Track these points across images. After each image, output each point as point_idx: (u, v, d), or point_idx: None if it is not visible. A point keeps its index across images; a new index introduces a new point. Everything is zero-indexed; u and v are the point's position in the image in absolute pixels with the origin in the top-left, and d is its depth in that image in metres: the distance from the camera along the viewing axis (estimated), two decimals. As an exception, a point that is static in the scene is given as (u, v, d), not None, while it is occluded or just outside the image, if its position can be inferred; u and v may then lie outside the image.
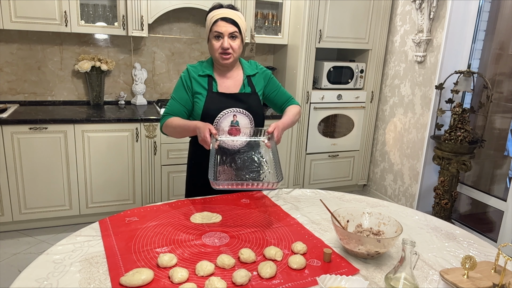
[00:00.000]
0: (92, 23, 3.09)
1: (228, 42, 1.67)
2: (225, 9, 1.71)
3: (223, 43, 1.67)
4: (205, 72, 1.75)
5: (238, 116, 1.73)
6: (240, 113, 1.73)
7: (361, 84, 3.73)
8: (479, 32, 3.07)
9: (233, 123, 1.72)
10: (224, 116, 1.71)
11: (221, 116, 1.71)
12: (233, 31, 1.68)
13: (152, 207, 1.57)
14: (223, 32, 1.66)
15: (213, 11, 1.72)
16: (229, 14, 1.68)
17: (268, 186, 1.44)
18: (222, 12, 1.68)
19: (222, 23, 1.67)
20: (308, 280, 1.13)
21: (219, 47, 1.68)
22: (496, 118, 3.06)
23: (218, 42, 1.68)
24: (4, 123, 2.68)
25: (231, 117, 1.72)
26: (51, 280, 1.09)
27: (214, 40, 1.69)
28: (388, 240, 1.21)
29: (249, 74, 1.80)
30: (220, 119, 1.71)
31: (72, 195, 2.95)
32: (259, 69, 1.86)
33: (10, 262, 2.58)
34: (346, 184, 3.93)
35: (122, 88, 3.50)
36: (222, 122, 1.71)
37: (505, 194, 2.86)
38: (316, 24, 3.36)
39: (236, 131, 1.70)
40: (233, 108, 1.72)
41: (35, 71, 3.23)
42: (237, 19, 1.69)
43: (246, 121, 1.74)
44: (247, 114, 1.74)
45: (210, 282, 1.06)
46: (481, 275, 1.15)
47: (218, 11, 1.70)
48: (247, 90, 1.78)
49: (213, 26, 1.68)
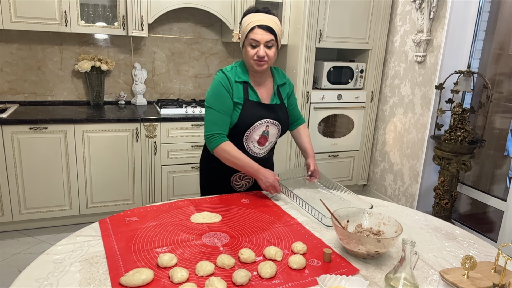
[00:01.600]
0: (92, 23, 3.09)
1: (264, 50, 1.63)
2: (262, 14, 1.66)
3: (258, 51, 1.63)
4: (241, 79, 1.71)
5: (270, 127, 1.76)
6: (272, 123, 1.75)
7: (361, 84, 3.73)
8: (479, 32, 3.07)
9: (264, 133, 1.76)
10: (258, 126, 1.73)
11: (256, 126, 1.72)
12: (269, 39, 1.64)
13: (152, 207, 1.57)
14: (260, 40, 1.62)
15: (249, 16, 1.67)
16: (266, 21, 1.63)
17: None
18: (260, 19, 1.63)
19: (259, 31, 1.63)
20: (308, 280, 1.13)
21: (254, 54, 1.64)
22: (496, 118, 3.05)
23: (253, 50, 1.64)
24: (4, 123, 2.68)
25: (264, 127, 1.74)
26: (51, 280, 1.09)
27: (249, 47, 1.65)
28: (388, 240, 1.21)
29: (279, 83, 1.81)
30: (254, 128, 1.72)
31: (72, 195, 2.95)
32: (286, 79, 1.87)
33: (10, 262, 2.58)
34: (346, 184, 3.93)
35: (122, 88, 3.50)
36: (255, 132, 1.73)
37: (505, 194, 2.86)
38: (316, 24, 3.36)
39: (265, 140, 1.77)
40: (267, 118, 1.73)
41: (35, 71, 3.23)
42: (275, 26, 1.65)
43: (275, 130, 1.79)
44: (277, 124, 1.78)
45: (210, 282, 1.06)
46: (481, 275, 1.15)
47: (256, 16, 1.64)
48: (277, 100, 1.79)
49: (250, 33, 1.64)
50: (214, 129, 1.67)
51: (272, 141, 1.81)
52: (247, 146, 1.76)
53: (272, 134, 1.79)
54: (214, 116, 1.67)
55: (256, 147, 1.77)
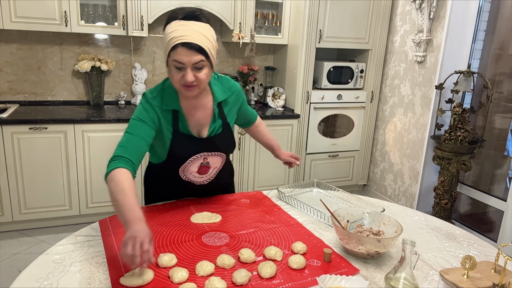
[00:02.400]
0: (92, 23, 3.09)
1: (191, 75, 1.30)
2: (187, 24, 1.29)
3: (185, 75, 1.30)
4: (169, 106, 1.42)
5: (208, 158, 1.51)
6: (211, 155, 1.51)
7: (361, 84, 3.73)
8: (479, 32, 3.07)
9: (202, 164, 1.52)
10: (194, 160, 1.49)
11: (191, 160, 1.48)
12: (198, 60, 1.29)
13: (152, 207, 1.57)
14: (185, 62, 1.28)
15: (172, 25, 1.30)
16: (193, 36, 1.27)
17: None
18: (184, 35, 1.27)
19: (184, 51, 1.27)
20: (308, 280, 1.13)
21: (180, 79, 1.31)
22: (496, 118, 3.06)
23: (179, 73, 1.31)
24: (4, 123, 2.68)
25: (201, 159, 1.50)
26: (51, 280, 1.09)
27: (174, 70, 1.31)
28: (388, 240, 1.21)
29: (220, 100, 1.51)
30: (189, 163, 1.49)
31: (72, 195, 2.95)
32: (232, 90, 1.56)
33: (10, 262, 2.58)
34: (346, 184, 3.93)
35: (122, 88, 3.50)
36: (191, 166, 1.50)
37: (505, 194, 2.86)
38: (316, 24, 3.36)
39: (206, 168, 1.54)
40: (203, 152, 1.48)
41: (35, 71, 3.23)
42: (204, 42, 1.29)
43: (217, 159, 1.55)
44: (219, 154, 1.54)
45: (210, 282, 1.06)
46: (481, 275, 1.15)
47: (179, 28, 1.28)
48: (217, 126, 1.51)
49: (172, 52, 1.29)
50: (118, 152, 1.33)
51: (217, 166, 1.57)
52: (186, 178, 1.53)
53: (215, 162, 1.54)
54: (125, 138, 1.37)
55: (197, 177, 1.54)
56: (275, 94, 3.74)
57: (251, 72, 3.78)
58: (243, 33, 3.36)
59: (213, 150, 1.51)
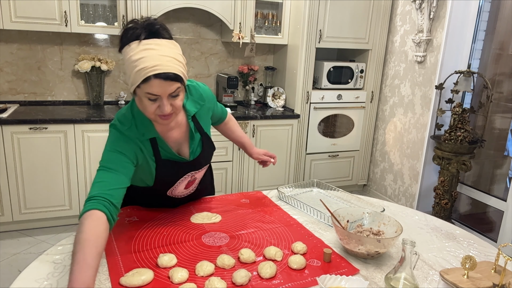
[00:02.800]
0: (92, 23, 3.09)
1: (168, 105, 1.17)
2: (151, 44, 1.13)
3: (162, 107, 1.17)
4: (145, 136, 1.28)
5: (195, 175, 1.48)
6: (198, 172, 1.48)
7: (361, 84, 3.73)
8: (479, 32, 3.07)
9: (190, 181, 1.49)
10: (182, 181, 1.45)
11: (179, 182, 1.45)
12: (174, 89, 1.16)
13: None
14: (161, 94, 1.15)
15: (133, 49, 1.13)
16: (165, 64, 1.12)
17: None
18: (155, 65, 1.11)
19: (158, 83, 1.12)
20: (308, 280, 1.13)
21: (155, 110, 1.18)
22: (496, 118, 3.06)
23: (153, 104, 1.17)
24: (4, 123, 2.68)
25: (189, 178, 1.47)
26: (51, 280, 1.09)
27: (146, 101, 1.16)
28: (388, 240, 1.21)
29: (193, 113, 1.40)
30: (177, 185, 1.45)
31: (72, 195, 2.95)
32: (203, 99, 1.43)
33: (10, 262, 2.58)
34: (346, 184, 3.93)
35: (122, 88, 3.50)
36: (178, 187, 1.47)
37: (505, 194, 2.86)
38: (316, 24, 3.36)
39: (192, 183, 1.52)
40: (190, 172, 1.44)
41: (35, 71, 3.23)
42: (177, 68, 1.15)
43: (202, 172, 1.51)
44: (205, 168, 1.51)
45: (210, 282, 1.06)
46: (481, 275, 1.15)
47: (144, 55, 1.11)
48: (196, 138, 1.41)
49: (144, 85, 1.12)
50: (93, 191, 1.15)
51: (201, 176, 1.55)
52: (173, 195, 1.51)
53: (200, 175, 1.52)
54: (100, 175, 1.20)
55: (184, 192, 1.52)
56: (275, 94, 3.74)
57: (251, 72, 3.78)
58: (243, 33, 3.37)
59: (199, 168, 1.46)
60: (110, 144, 1.25)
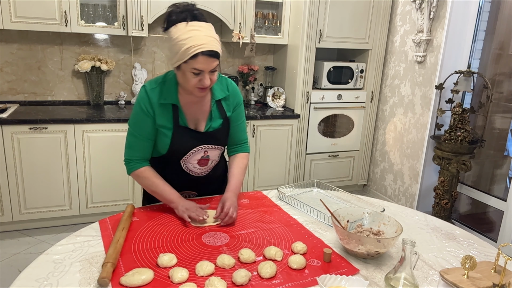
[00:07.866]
0: (92, 23, 3.09)
1: (209, 78, 1.38)
2: (195, 26, 1.33)
3: (203, 80, 1.37)
4: (167, 100, 1.47)
5: (209, 151, 1.57)
6: (211, 148, 1.56)
7: (361, 84, 3.73)
8: (479, 32, 3.07)
9: (203, 157, 1.57)
10: (195, 153, 1.54)
11: (192, 153, 1.53)
12: (215, 66, 1.38)
13: (152, 207, 1.57)
14: (205, 69, 1.35)
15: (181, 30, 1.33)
16: (210, 44, 1.33)
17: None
18: (203, 43, 1.31)
19: (204, 59, 1.33)
20: (308, 280, 1.13)
21: (197, 83, 1.38)
22: (496, 118, 3.06)
23: (196, 78, 1.37)
24: (4, 123, 2.68)
25: (202, 153, 1.55)
26: (51, 280, 1.09)
27: (190, 75, 1.36)
28: (388, 240, 1.21)
29: (218, 98, 1.56)
30: (190, 155, 1.54)
31: (72, 195, 2.95)
32: (230, 91, 1.59)
33: (10, 262, 2.58)
34: (346, 184, 3.93)
35: (122, 88, 3.50)
36: (191, 158, 1.55)
37: (505, 194, 2.86)
38: (316, 24, 3.36)
39: (206, 161, 1.59)
40: (204, 145, 1.54)
41: (35, 71, 3.23)
42: (219, 47, 1.37)
43: (216, 152, 1.60)
44: (218, 147, 1.59)
45: (210, 282, 1.06)
46: (481, 275, 1.15)
47: (192, 35, 1.31)
48: (215, 121, 1.55)
49: (191, 60, 1.32)
50: (130, 154, 1.51)
51: (215, 159, 1.62)
52: (186, 168, 1.57)
53: (214, 155, 1.59)
54: (131, 140, 1.51)
55: (197, 168, 1.59)
56: (275, 94, 3.74)
57: (251, 72, 3.78)
58: (243, 33, 3.37)
59: (213, 143, 1.56)
60: (134, 116, 1.50)
